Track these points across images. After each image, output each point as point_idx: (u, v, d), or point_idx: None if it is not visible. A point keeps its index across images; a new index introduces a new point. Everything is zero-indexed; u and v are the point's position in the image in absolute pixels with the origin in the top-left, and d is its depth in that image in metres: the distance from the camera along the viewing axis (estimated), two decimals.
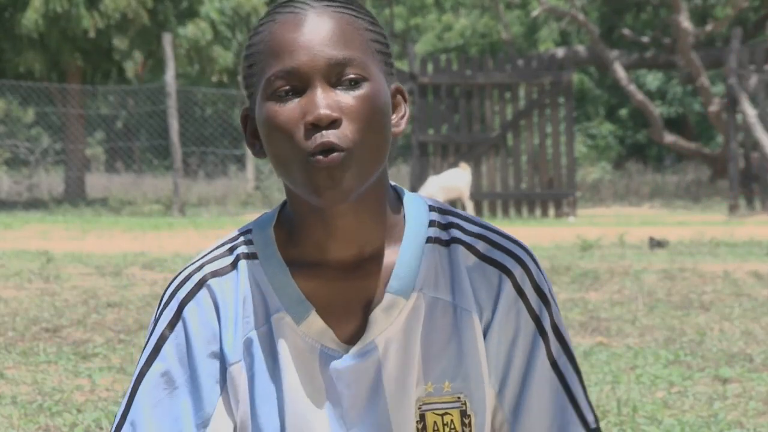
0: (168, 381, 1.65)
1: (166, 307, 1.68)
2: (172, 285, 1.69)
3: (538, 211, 18.95)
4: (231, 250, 1.69)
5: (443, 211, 1.71)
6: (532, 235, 12.24)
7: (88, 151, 29.59)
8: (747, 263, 9.14)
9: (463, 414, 1.66)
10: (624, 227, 12.97)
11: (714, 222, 15.69)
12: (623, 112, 33.56)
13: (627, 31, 27.38)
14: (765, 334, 6.05)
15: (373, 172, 1.60)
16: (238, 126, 20.61)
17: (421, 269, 1.65)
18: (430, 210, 1.70)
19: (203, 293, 1.66)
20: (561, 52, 24.26)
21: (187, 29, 22.91)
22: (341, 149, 1.55)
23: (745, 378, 4.97)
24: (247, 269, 1.67)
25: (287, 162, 1.58)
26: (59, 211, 18.40)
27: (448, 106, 19.13)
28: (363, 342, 1.64)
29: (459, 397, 1.65)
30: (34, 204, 20.70)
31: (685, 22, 21.19)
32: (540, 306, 1.67)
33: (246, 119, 1.67)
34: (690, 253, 10.26)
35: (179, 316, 1.66)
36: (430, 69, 19.26)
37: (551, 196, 18.96)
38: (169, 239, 12.06)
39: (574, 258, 9.69)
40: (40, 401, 4.56)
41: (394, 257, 1.66)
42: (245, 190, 22.68)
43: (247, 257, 1.67)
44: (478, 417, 1.66)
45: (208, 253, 1.70)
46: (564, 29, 31.19)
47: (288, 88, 1.58)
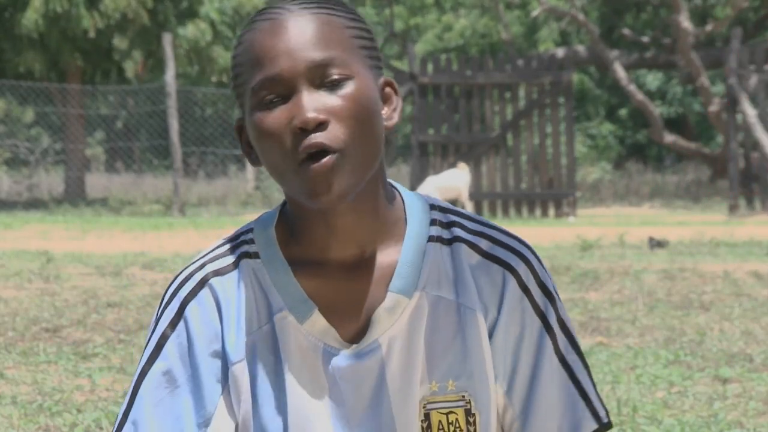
0: (169, 380, 1.65)
1: (167, 306, 1.67)
2: (173, 284, 1.69)
3: (538, 211, 18.96)
4: (233, 249, 1.69)
5: (444, 210, 1.71)
6: (532, 235, 12.23)
7: (88, 151, 29.60)
8: (747, 263, 9.14)
9: (468, 413, 1.66)
10: (624, 227, 12.97)
11: (714, 222, 15.69)
12: (623, 112, 33.57)
13: (627, 31, 27.38)
14: (765, 334, 6.05)
15: (368, 169, 1.60)
16: None
17: (424, 268, 1.65)
18: (431, 209, 1.70)
19: (205, 292, 1.66)
20: (561, 52, 24.26)
21: (187, 29, 22.92)
22: (333, 150, 1.55)
23: (745, 378, 4.97)
24: (250, 268, 1.66)
25: (280, 169, 1.59)
26: (59, 211, 18.40)
27: (448, 106, 19.13)
28: (366, 341, 1.64)
29: (463, 396, 1.65)
30: (34, 204, 20.71)
31: (685, 22, 21.19)
32: (545, 303, 1.68)
33: (240, 129, 1.67)
34: (690, 253, 10.26)
35: (181, 314, 1.66)
36: (430, 69, 19.26)
37: (551, 196, 18.97)
38: (169, 239, 12.06)
39: (574, 258, 9.69)
40: (40, 401, 4.56)
41: (396, 256, 1.65)
42: (245, 190, 22.69)
43: (249, 256, 1.67)
44: (482, 416, 1.66)
45: (209, 252, 1.70)
46: (564, 29, 31.19)
47: (273, 95, 1.58)
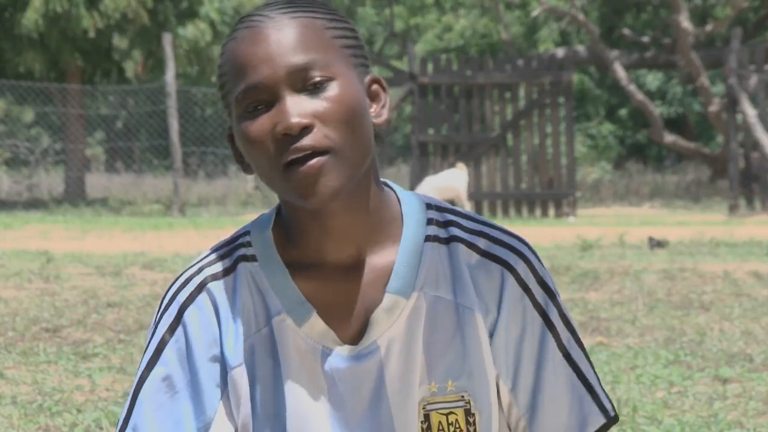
0: (169, 385, 1.65)
1: (166, 311, 1.67)
2: (171, 288, 1.69)
3: (538, 211, 18.95)
4: (230, 252, 1.69)
5: (441, 209, 1.71)
6: (532, 235, 12.23)
7: (88, 151, 29.59)
8: (747, 263, 9.14)
9: (468, 413, 1.66)
10: (624, 227, 12.97)
11: (714, 222, 15.69)
12: (623, 112, 33.56)
13: (627, 31, 27.38)
14: (765, 334, 6.05)
15: (358, 168, 1.59)
16: None
17: (421, 268, 1.65)
18: (427, 208, 1.69)
19: (203, 297, 1.66)
20: (561, 52, 24.26)
21: (187, 30, 22.92)
22: (320, 151, 1.55)
23: (745, 378, 4.97)
24: (247, 271, 1.66)
25: (269, 175, 1.59)
26: (59, 211, 18.40)
27: (448, 106, 19.13)
28: (364, 343, 1.64)
29: (463, 396, 1.65)
30: (34, 204, 20.71)
31: (685, 22, 21.19)
32: (545, 299, 1.67)
33: (232, 138, 1.67)
34: (690, 253, 10.26)
35: (179, 319, 1.66)
36: (430, 69, 19.26)
37: (551, 196, 18.97)
38: (169, 239, 12.06)
39: (574, 258, 9.70)
40: (40, 401, 4.56)
41: (393, 257, 1.65)
42: (245, 190, 22.68)
43: (247, 259, 1.67)
44: (483, 415, 1.66)
45: (207, 256, 1.70)
46: (564, 29, 31.19)
47: (257, 103, 1.58)
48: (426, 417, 1.65)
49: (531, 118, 19.34)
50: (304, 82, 1.57)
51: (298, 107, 1.56)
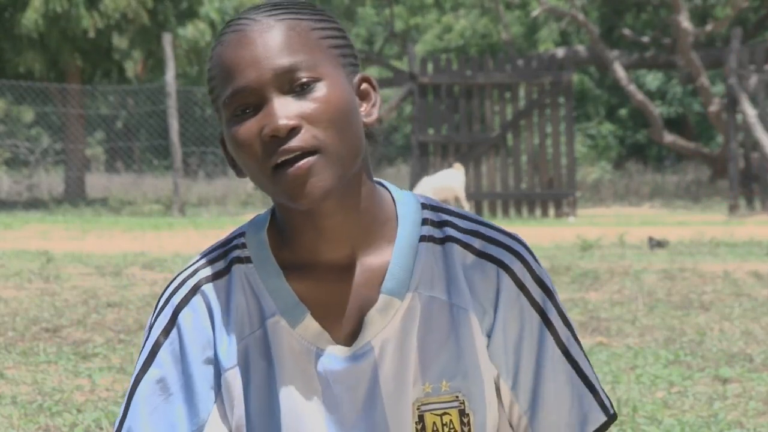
0: (163, 388, 1.65)
1: (160, 313, 1.68)
2: (167, 291, 1.69)
3: (538, 211, 18.96)
4: (225, 254, 1.69)
5: (436, 209, 1.70)
6: (532, 235, 12.23)
7: (88, 151, 29.60)
8: (747, 263, 9.14)
9: (462, 413, 1.65)
10: (624, 227, 12.97)
11: (714, 222, 15.69)
12: (623, 112, 33.56)
13: (627, 31, 27.38)
14: (765, 334, 6.05)
15: (348, 167, 1.59)
16: None
17: (416, 268, 1.65)
18: (422, 208, 1.69)
19: (197, 299, 1.66)
20: (561, 52, 24.26)
21: (187, 30, 22.92)
22: (309, 152, 1.55)
23: (745, 378, 4.97)
24: (242, 273, 1.66)
25: (259, 178, 1.59)
26: (59, 211, 18.40)
27: (448, 106, 19.13)
28: (359, 344, 1.64)
29: (457, 396, 1.65)
30: (34, 204, 20.71)
31: (685, 22, 21.19)
32: (543, 298, 1.67)
33: (224, 142, 1.66)
34: (690, 253, 10.26)
35: (174, 322, 1.66)
36: (430, 69, 19.26)
37: (551, 196, 18.97)
38: (169, 239, 12.06)
39: (574, 258, 9.69)
40: (40, 401, 4.56)
41: (387, 257, 1.65)
42: (245, 190, 22.67)
43: (241, 261, 1.67)
44: (477, 416, 1.66)
45: (202, 258, 1.70)
46: (564, 29, 31.19)
47: (244, 106, 1.58)
48: (420, 418, 1.65)
49: (531, 118, 19.34)
50: (290, 83, 1.57)
51: (285, 109, 1.56)
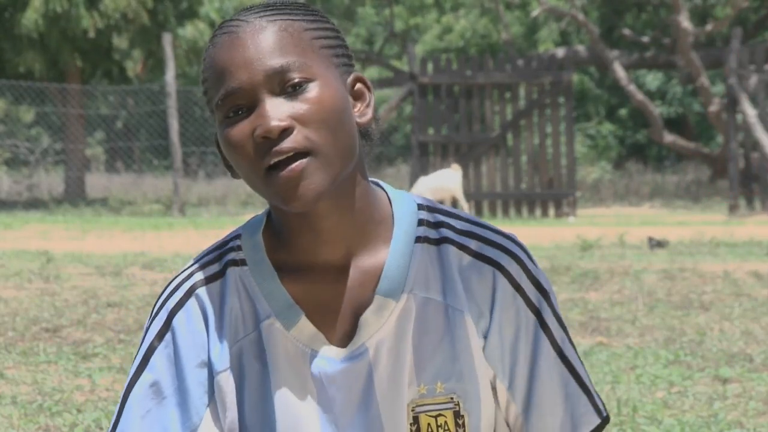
0: (156, 391, 1.65)
1: (156, 317, 1.68)
2: (163, 294, 1.69)
3: (538, 211, 18.95)
4: (220, 257, 1.69)
5: (432, 210, 1.70)
6: (532, 235, 12.23)
7: (88, 151, 29.60)
8: (747, 263, 9.14)
9: (457, 415, 1.65)
10: (624, 227, 12.97)
11: (714, 222, 15.69)
12: (623, 112, 33.56)
13: (627, 31, 27.38)
14: (765, 334, 6.05)
15: (341, 168, 1.58)
16: None
17: (411, 270, 1.64)
18: (418, 208, 1.69)
19: (192, 302, 1.66)
20: (561, 52, 24.26)
21: (186, 30, 22.91)
22: (301, 153, 1.55)
23: (745, 378, 4.97)
24: (236, 276, 1.66)
25: (252, 179, 1.59)
26: (59, 211, 18.40)
27: (448, 106, 19.13)
28: (353, 345, 1.63)
29: (452, 398, 1.65)
30: (34, 204, 20.70)
31: (685, 22, 21.19)
32: (539, 299, 1.67)
33: (219, 143, 1.67)
34: (690, 253, 10.26)
35: (169, 325, 1.66)
36: (430, 69, 19.26)
37: (551, 196, 18.97)
38: (169, 239, 12.06)
39: (574, 258, 9.69)
40: (40, 401, 4.56)
41: (383, 258, 1.64)
42: (245, 190, 22.66)
43: (236, 264, 1.67)
44: (472, 417, 1.66)
45: (197, 261, 1.70)
46: (564, 29, 31.19)
47: (237, 108, 1.58)
48: (415, 419, 1.64)
49: (531, 118, 19.34)
50: (282, 84, 1.57)
51: (276, 110, 1.55)
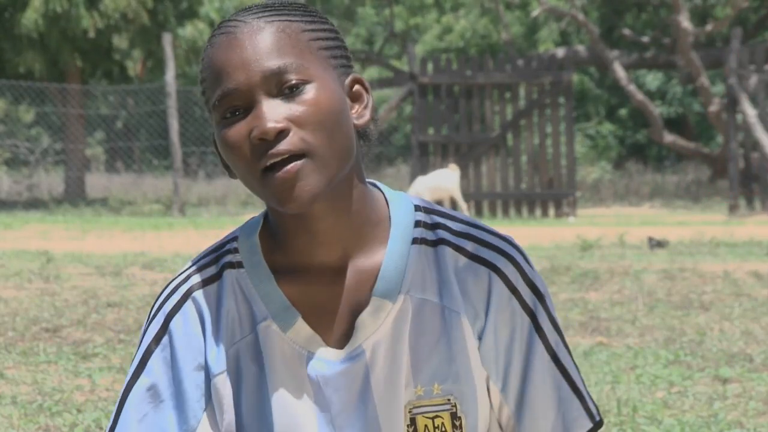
0: (153, 395, 1.65)
1: (153, 321, 1.68)
2: (160, 297, 1.69)
3: (538, 211, 18.95)
4: (217, 259, 1.69)
5: (429, 211, 1.70)
6: (532, 235, 12.24)
7: (88, 151, 29.60)
8: (747, 263, 9.14)
9: (454, 416, 1.65)
10: (624, 227, 12.97)
11: (714, 222, 15.69)
12: (623, 112, 33.56)
13: (627, 31, 27.38)
14: (765, 334, 6.05)
15: (338, 170, 1.58)
16: None
17: (408, 271, 1.64)
18: (415, 210, 1.69)
19: (189, 305, 1.67)
20: (561, 52, 24.26)
21: (186, 30, 22.91)
22: (297, 155, 1.55)
23: (745, 378, 4.97)
24: (233, 279, 1.66)
25: (248, 180, 1.59)
26: (59, 211, 18.40)
27: (448, 106, 19.12)
28: (350, 347, 1.63)
29: (449, 399, 1.65)
30: (34, 204, 20.70)
31: (685, 22, 21.18)
32: (534, 301, 1.67)
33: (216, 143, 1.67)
34: (690, 253, 10.26)
35: (166, 328, 1.66)
36: (430, 69, 19.26)
37: (551, 196, 18.97)
38: (169, 239, 12.06)
39: (574, 258, 9.69)
40: (40, 401, 4.56)
41: (380, 259, 1.64)
42: (245, 190, 22.59)
43: (233, 266, 1.67)
44: (469, 418, 1.65)
45: (194, 264, 1.70)
46: (564, 29, 31.19)
47: (234, 109, 1.58)
48: (412, 420, 1.64)
49: (531, 118, 19.34)
50: (279, 86, 1.56)
51: (273, 112, 1.55)
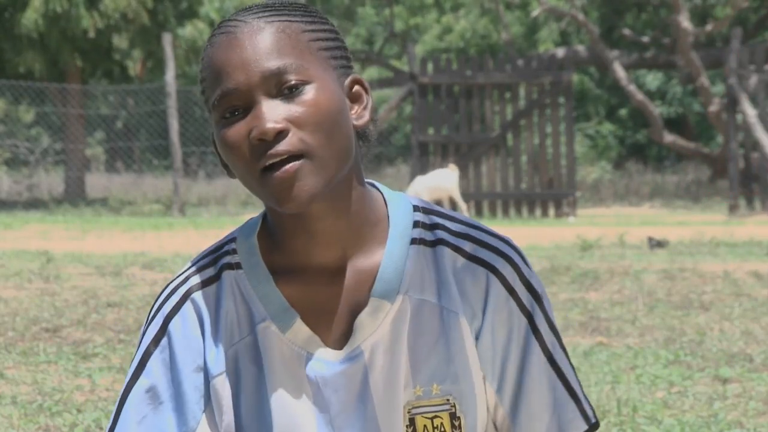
0: (153, 396, 1.65)
1: (152, 322, 1.68)
2: (159, 299, 1.69)
3: (538, 211, 18.95)
4: (215, 260, 1.69)
5: (428, 211, 1.70)
6: (532, 235, 12.24)
7: (88, 151, 29.59)
8: (747, 263, 9.14)
9: (453, 416, 1.65)
10: (624, 227, 12.97)
11: (714, 222, 15.69)
12: (623, 112, 33.56)
13: (627, 31, 27.38)
14: (765, 334, 6.05)
15: (336, 170, 1.58)
16: None
17: (407, 271, 1.64)
18: (414, 210, 1.69)
19: (188, 306, 1.67)
20: (561, 52, 24.26)
21: (186, 30, 22.91)
22: (296, 156, 1.55)
23: (745, 378, 4.97)
24: (232, 280, 1.66)
25: (247, 180, 1.59)
26: (59, 211, 18.40)
27: (448, 106, 19.12)
28: (349, 347, 1.63)
29: (448, 399, 1.65)
30: (34, 204, 20.70)
31: (685, 22, 21.18)
32: (532, 302, 1.67)
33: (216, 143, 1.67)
34: (690, 253, 10.26)
35: (165, 330, 1.66)
36: (430, 69, 19.26)
37: (551, 196, 18.97)
38: (169, 239, 12.06)
39: (574, 258, 9.69)
40: (40, 401, 4.56)
41: (378, 259, 1.64)
42: (245, 190, 22.54)
43: (231, 267, 1.67)
44: (468, 418, 1.65)
45: (193, 265, 1.70)
46: (564, 29, 31.19)
47: (233, 109, 1.58)
48: (411, 421, 1.64)
49: (531, 118, 19.34)
50: (279, 86, 1.57)
51: (272, 112, 1.55)
